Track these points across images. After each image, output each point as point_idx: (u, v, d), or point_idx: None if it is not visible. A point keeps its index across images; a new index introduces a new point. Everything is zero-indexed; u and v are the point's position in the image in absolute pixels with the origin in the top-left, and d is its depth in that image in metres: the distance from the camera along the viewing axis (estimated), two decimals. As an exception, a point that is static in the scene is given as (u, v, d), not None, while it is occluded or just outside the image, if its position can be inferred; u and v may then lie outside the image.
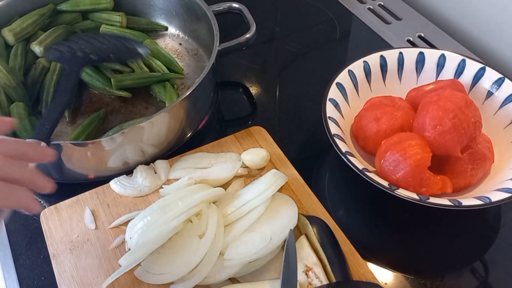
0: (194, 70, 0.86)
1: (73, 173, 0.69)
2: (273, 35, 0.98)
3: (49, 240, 0.62)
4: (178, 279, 0.57)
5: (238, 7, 0.84)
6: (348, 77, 0.74)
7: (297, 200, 0.65)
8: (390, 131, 0.68)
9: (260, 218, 0.61)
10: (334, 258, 0.56)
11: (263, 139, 0.73)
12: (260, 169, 0.69)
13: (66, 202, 0.66)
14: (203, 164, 0.69)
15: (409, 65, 0.77)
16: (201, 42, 0.88)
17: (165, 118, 0.68)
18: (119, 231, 0.63)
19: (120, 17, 0.87)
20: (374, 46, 0.92)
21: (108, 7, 0.88)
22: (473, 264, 0.64)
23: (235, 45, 0.78)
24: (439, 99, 0.64)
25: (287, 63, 0.92)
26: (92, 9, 0.89)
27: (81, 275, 0.59)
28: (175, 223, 0.58)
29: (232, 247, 0.58)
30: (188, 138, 0.76)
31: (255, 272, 0.58)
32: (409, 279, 0.62)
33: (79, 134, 0.73)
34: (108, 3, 0.88)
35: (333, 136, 0.65)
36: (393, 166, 0.63)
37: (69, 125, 0.77)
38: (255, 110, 0.83)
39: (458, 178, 0.65)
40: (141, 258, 0.58)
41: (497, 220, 0.68)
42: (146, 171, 0.68)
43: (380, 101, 0.71)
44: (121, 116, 0.78)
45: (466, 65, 0.75)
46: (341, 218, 0.68)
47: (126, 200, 0.66)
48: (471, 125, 0.62)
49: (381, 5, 1.02)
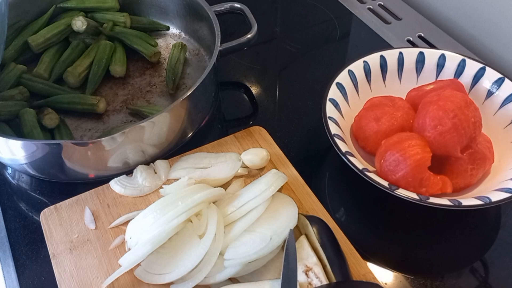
0: (195, 70, 0.86)
1: (73, 173, 0.69)
2: (273, 35, 0.98)
3: (49, 240, 0.62)
4: (178, 279, 0.57)
5: (239, 7, 0.84)
6: (348, 77, 0.74)
7: (297, 200, 0.65)
8: (390, 131, 0.68)
9: (260, 218, 0.60)
10: (334, 258, 0.56)
11: (263, 139, 0.73)
12: (260, 169, 0.69)
13: (66, 202, 0.66)
14: (203, 164, 0.69)
15: (409, 65, 0.77)
16: (202, 42, 0.88)
17: (166, 118, 0.68)
18: (119, 231, 0.63)
19: (124, 17, 0.87)
20: (374, 46, 0.92)
21: (113, 7, 0.89)
22: (473, 264, 0.64)
23: (236, 45, 0.78)
24: (439, 99, 0.64)
25: (287, 63, 0.92)
26: (97, 7, 0.89)
27: (81, 275, 0.59)
28: (175, 223, 0.58)
29: (232, 247, 0.58)
30: (189, 138, 0.76)
31: (255, 272, 0.58)
32: (409, 279, 0.62)
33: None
34: (113, 3, 0.88)
35: (333, 136, 0.65)
36: (393, 166, 0.63)
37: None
38: (256, 110, 0.83)
39: (458, 178, 0.65)
40: (141, 258, 0.58)
41: (497, 220, 0.68)
42: (146, 171, 0.68)
43: (380, 101, 0.71)
44: (122, 116, 0.78)
45: (466, 65, 0.75)
46: (341, 218, 0.68)
47: (126, 200, 0.66)
48: (471, 125, 0.62)
49: (381, 5, 1.03)
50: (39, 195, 0.71)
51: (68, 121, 0.77)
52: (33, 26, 0.86)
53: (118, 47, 0.86)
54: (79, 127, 0.77)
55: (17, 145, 0.64)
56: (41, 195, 0.71)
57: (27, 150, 0.65)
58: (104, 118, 0.78)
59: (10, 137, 0.64)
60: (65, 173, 0.69)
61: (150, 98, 0.81)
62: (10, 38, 0.84)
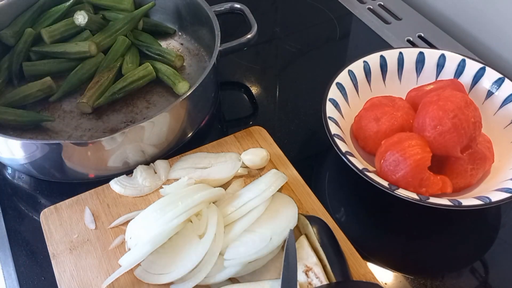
0: (195, 70, 0.86)
1: (73, 173, 0.69)
2: (273, 35, 0.98)
3: (49, 240, 0.62)
4: (178, 279, 0.57)
5: (239, 7, 0.84)
6: (348, 77, 0.74)
7: (297, 200, 0.65)
8: (390, 131, 0.68)
9: (260, 218, 0.60)
10: (334, 258, 0.56)
11: (263, 139, 0.73)
12: (260, 169, 0.69)
13: (66, 202, 0.66)
14: (203, 164, 0.69)
15: (409, 65, 0.77)
16: (202, 42, 0.88)
17: (166, 118, 0.68)
18: (119, 231, 0.63)
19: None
20: (374, 46, 0.92)
21: (128, 8, 0.88)
22: (473, 264, 0.64)
23: (236, 46, 0.78)
24: (439, 99, 0.64)
25: (287, 63, 0.92)
26: (112, 6, 0.89)
27: (81, 275, 0.59)
28: (175, 223, 0.58)
29: (232, 247, 0.58)
30: (189, 138, 0.76)
31: (255, 272, 0.58)
32: (409, 279, 0.62)
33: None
34: (129, 5, 0.88)
35: (333, 136, 0.65)
36: (393, 166, 0.63)
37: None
38: (256, 110, 0.83)
39: (458, 178, 0.65)
40: (141, 258, 0.58)
41: (497, 220, 0.68)
42: (146, 171, 0.68)
43: (380, 101, 0.71)
44: (122, 116, 0.78)
45: (466, 65, 0.75)
46: (341, 218, 0.68)
47: (126, 200, 0.66)
48: (471, 125, 0.62)
49: (381, 5, 1.03)
50: (39, 195, 0.71)
51: (68, 121, 0.77)
52: (51, 14, 0.87)
53: (133, 49, 0.86)
54: (79, 127, 0.77)
55: (17, 145, 0.65)
56: (41, 195, 0.71)
57: (27, 150, 0.65)
58: (104, 118, 0.78)
59: (10, 137, 0.64)
60: (65, 173, 0.69)
61: (149, 98, 0.81)
62: (30, 19, 0.85)
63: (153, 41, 0.87)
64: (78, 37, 0.85)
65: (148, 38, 0.87)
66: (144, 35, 0.88)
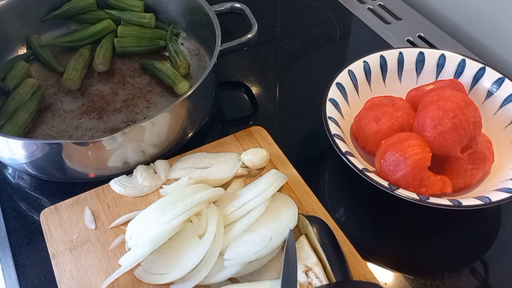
0: (196, 70, 0.86)
1: (73, 172, 0.69)
2: (273, 35, 0.98)
3: (49, 240, 0.62)
4: (178, 279, 0.57)
5: (240, 7, 0.84)
6: (348, 77, 0.74)
7: (297, 200, 0.65)
8: (390, 131, 0.68)
9: (260, 218, 0.61)
10: (334, 258, 0.56)
11: (263, 139, 0.73)
12: (260, 169, 0.69)
13: (66, 202, 0.66)
14: (203, 164, 0.69)
15: (409, 65, 0.77)
16: (202, 42, 0.88)
17: (166, 118, 0.68)
18: (119, 231, 0.63)
19: (149, 18, 0.89)
20: (374, 46, 0.92)
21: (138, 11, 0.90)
22: (473, 264, 0.64)
23: (236, 45, 0.78)
24: (439, 99, 0.64)
25: (287, 63, 0.92)
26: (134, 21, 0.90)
27: (81, 275, 0.59)
28: (175, 223, 0.58)
29: (232, 247, 0.58)
30: (189, 138, 0.76)
31: (255, 272, 0.58)
32: (409, 279, 0.62)
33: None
34: (140, 8, 0.90)
35: (333, 136, 0.65)
36: (393, 166, 0.63)
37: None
38: (256, 110, 0.83)
39: (458, 178, 0.65)
40: (141, 258, 0.58)
41: (497, 220, 0.68)
42: (146, 171, 0.68)
43: (380, 101, 0.71)
44: (122, 115, 0.78)
45: (466, 65, 0.75)
46: (341, 218, 0.68)
47: (126, 200, 0.66)
48: (471, 125, 0.62)
49: (381, 5, 1.03)
50: (39, 195, 0.71)
51: (68, 121, 0.77)
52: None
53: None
54: (79, 127, 0.77)
55: (18, 145, 0.65)
56: (41, 195, 0.71)
57: (28, 150, 0.65)
58: (104, 117, 0.78)
59: (10, 137, 0.64)
60: (65, 173, 0.69)
61: (150, 98, 0.81)
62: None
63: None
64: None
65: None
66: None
